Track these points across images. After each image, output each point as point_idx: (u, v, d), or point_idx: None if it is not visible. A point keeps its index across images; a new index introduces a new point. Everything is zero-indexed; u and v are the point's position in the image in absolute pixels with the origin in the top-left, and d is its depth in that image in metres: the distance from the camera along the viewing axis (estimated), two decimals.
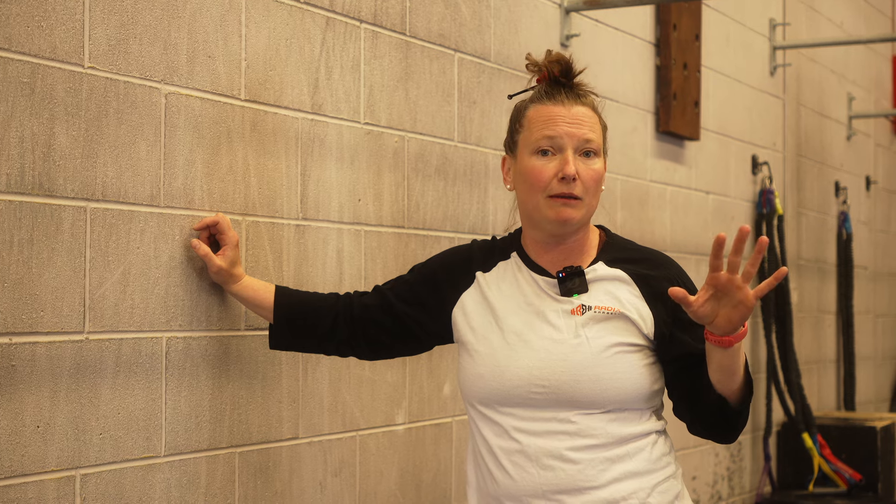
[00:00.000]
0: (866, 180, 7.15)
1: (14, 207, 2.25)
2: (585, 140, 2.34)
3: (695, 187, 4.99)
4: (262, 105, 2.81)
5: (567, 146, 2.33)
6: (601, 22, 4.28)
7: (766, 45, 5.71)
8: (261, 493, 2.80)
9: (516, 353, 2.35)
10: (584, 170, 2.34)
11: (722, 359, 2.22)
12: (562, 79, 2.38)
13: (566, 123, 2.34)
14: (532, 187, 2.35)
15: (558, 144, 2.34)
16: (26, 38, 2.27)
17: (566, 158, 2.33)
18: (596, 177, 2.35)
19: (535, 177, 2.35)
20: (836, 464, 5.60)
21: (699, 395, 2.31)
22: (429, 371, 3.37)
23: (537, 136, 2.35)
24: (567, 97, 2.37)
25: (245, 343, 2.76)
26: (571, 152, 2.33)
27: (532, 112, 2.38)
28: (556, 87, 2.38)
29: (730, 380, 2.25)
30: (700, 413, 2.33)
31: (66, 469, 2.34)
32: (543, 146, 2.35)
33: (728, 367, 2.23)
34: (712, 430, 2.36)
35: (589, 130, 2.35)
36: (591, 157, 2.36)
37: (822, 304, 6.44)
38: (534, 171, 2.35)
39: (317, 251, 2.98)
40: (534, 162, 2.35)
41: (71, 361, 2.35)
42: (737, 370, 2.24)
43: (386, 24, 3.21)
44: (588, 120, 2.36)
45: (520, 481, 2.33)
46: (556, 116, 2.35)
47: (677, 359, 2.34)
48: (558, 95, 2.37)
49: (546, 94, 2.38)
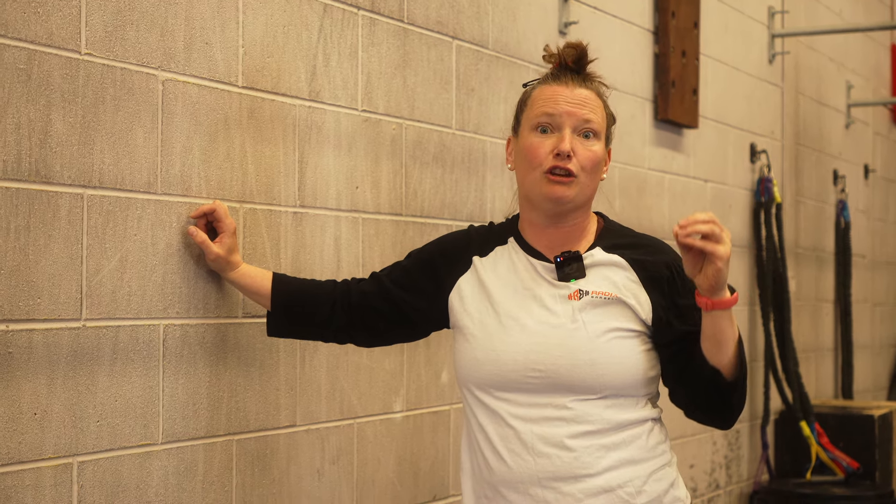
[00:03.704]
0: (865, 169, 7.15)
1: (10, 194, 2.25)
2: (585, 120, 2.35)
3: (693, 175, 4.99)
4: (259, 92, 2.80)
5: (566, 125, 2.35)
6: (599, 9, 4.27)
7: (764, 32, 5.70)
8: (258, 480, 2.80)
9: (513, 338, 2.35)
10: (582, 150, 2.35)
11: (708, 325, 2.24)
12: (573, 65, 2.40)
13: (566, 102, 2.36)
14: (529, 163, 2.37)
15: (557, 122, 2.35)
16: (23, 24, 2.26)
17: (563, 136, 2.34)
18: (593, 158, 2.35)
19: (531, 152, 2.36)
20: (834, 452, 5.60)
21: (694, 376, 2.31)
22: (426, 359, 3.37)
23: (537, 113, 2.37)
24: (572, 80, 2.39)
25: (242, 330, 2.76)
26: (570, 131, 2.35)
27: (536, 92, 2.41)
28: (563, 71, 2.41)
29: (718, 350, 2.26)
30: (695, 393, 2.33)
31: (63, 456, 2.34)
32: (542, 123, 2.36)
33: (714, 336, 2.25)
34: (708, 410, 2.35)
35: (590, 112, 2.36)
36: (591, 139, 2.36)
37: (820, 293, 6.45)
38: (531, 147, 2.36)
39: (314, 239, 2.97)
40: (532, 138, 2.37)
41: (68, 349, 2.35)
42: (724, 341, 2.25)
43: (384, 11, 3.21)
44: (590, 102, 2.37)
45: (515, 468, 2.33)
46: (558, 95, 2.37)
47: (673, 342, 2.34)
48: (564, 77, 2.40)
49: (552, 76, 2.42)
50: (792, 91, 6.02)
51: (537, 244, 2.42)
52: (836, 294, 6.64)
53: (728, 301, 2.21)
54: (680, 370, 2.34)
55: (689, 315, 2.33)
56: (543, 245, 2.41)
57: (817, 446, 5.59)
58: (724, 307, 2.21)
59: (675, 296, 2.34)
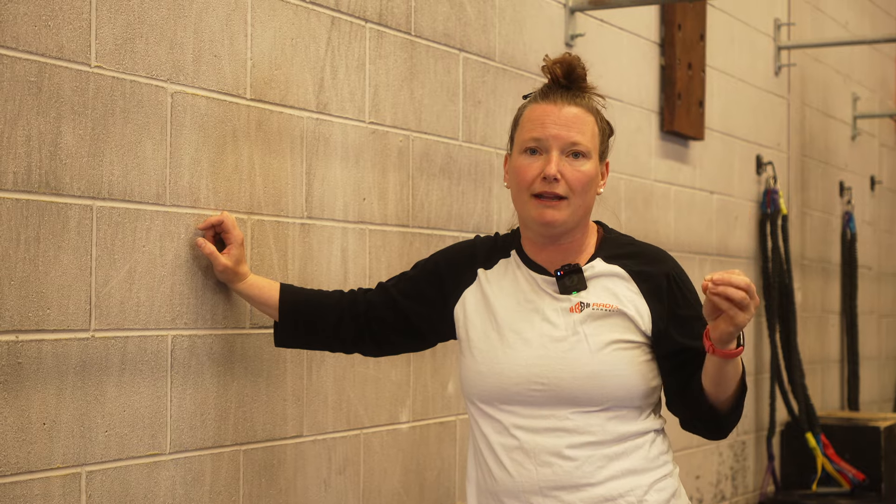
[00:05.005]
0: (871, 180, 7.15)
1: (21, 206, 2.26)
2: (572, 143, 2.34)
3: (699, 187, 5.00)
4: (267, 104, 2.82)
5: (553, 147, 2.34)
6: (606, 22, 4.28)
7: (770, 44, 5.71)
8: (265, 490, 2.81)
9: (515, 352, 2.36)
10: (570, 171, 2.34)
11: (710, 365, 2.24)
12: (563, 80, 2.39)
13: (554, 125, 2.35)
14: (518, 185, 2.38)
15: (544, 146, 2.35)
16: (33, 38, 2.28)
17: (550, 158, 2.33)
18: (582, 178, 2.35)
19: (520, 175, 2.37)
20: (840, 464, 5.60)
21: (692, 395, 2.32)
22: (433, 370, 3.38)
23: (525, 137, 2.37)
24: (561, 97, 2.38)
25: (250, 341, 2.77)
26: (557, 153, 2.34)
27: (527, 111, 2.41)
28: (553, 88, 2.40)
29: (717, 388, 2.27)
30: (691, 412, 2.35)
31: (71, 466, 2.35)
32: (530, 146, 2.36)
33: (714, 377, 2.25)
34: (703, 430, 2.39)
35: (577, 133, 2.35)
36: (580, 159, 2.35)
37: (826, 304, 6.45)
38: (520, 170, 2.37)
39: (322, 250, 2.98)
40: (521, 160, 2.37)
41: (77, 359, 2.36)
42: (724, 381, 2.25)
43: (391, 23, 3.22)
44: (578, 122, 2.35)
45: (518, 478, 2.34)
46: (545, 117, 2.36)
47: (673, 354, 2.35)
48: (553, 95, 2.38)
49: (542, 94, 2.41)
50: (798, 103, 6.02)
51: (537, 259, 2.43)
52: (842, 305, 6.64)
53: (732, 353, 2.19)
54: (679, 388, 2.36)
55: (688, 326, 2.33)
56: (543, 259, 2.42)
57: (823, 458, 5.59)
58: (726, 357, 2.20)
59: (675, 306, 2.35)
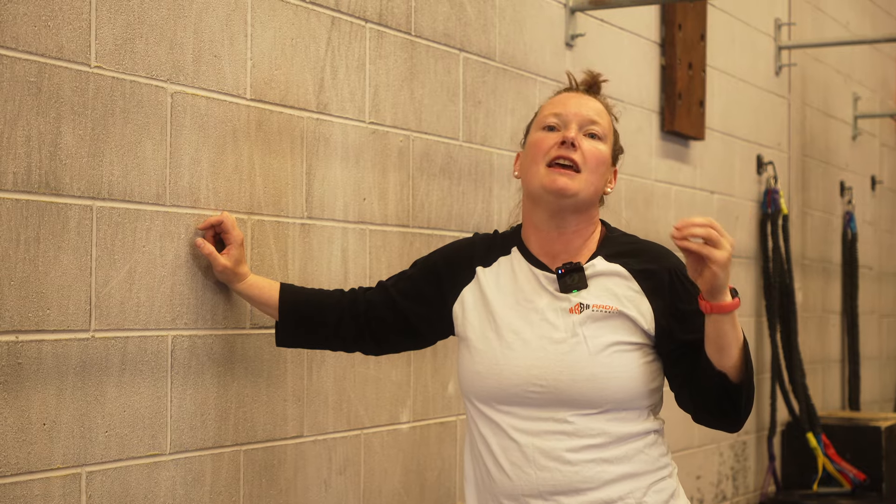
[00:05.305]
0: (871, 180, 7.15)
1: (21, 206, 2.26)
2: (591, 121, 2.41)
3: (699, 187, 5.00)
4: (267, 104, 2.82)
5: (572, 122, 2.41)
6: (606, 21, 4.28)
7: (771, 44, 5.71)
8: (265, 491, 2.81)
9: (514, 352, 2.36)
10: (587, 145, 2.39)
11: (710, 329, 2.24)
12: (583, 85, 2.52)
13: (575, 104, 2.43)
14: (533, 157, 2.41)
15: (564, 120, 2.41)
16: (33, 38, 2.28)
17: (569, 128, 2.40)
18: (598, 154, 2.40)
19: (537, 146, 2.41)
20: (841, 464, 5.60)
21: (700, 380, 2.31)
22: (433, 370, 3.38)
23: (546, 114, 2.44)
24: (580, 89, 2.50)
25: (250, 341, 2.77)
26: (576, 126, 2.40)
27: (547, 101, 2.50)
28: (573, 87, 2.53)
29: (721, 354, 2.25)
30: (702, 396, 2.32)
31: (71, 467, 2.35)
32: (550, 122, 2.42)
33: (716, 340, 2.24)
34: (716, 412, 2.33)
35: (596, 115, 2.42)
36: (596, 139, 2.41)
37: (826, 304, 6.44)
38: (537, 142, 2.42)
39: (322, 250, 2.98)
40: (539, 135, 2.42)
41: (77, 359, 2.36)
42: (726, 345, 2.24)
43: (391, 23, 3.22)
44: (597, 110, 2.44)
45: (517, 481, 2.34)
46: (567, 99, 2.45)
47: (676, 348, 2.35)
48: (572, 89, 2.51)
49: (563, 90, 2.52)
50: (798, 103, 6.02)
51: (540, 253, 2.43)
52: (842, 305, 6.64)
53: (727, 305, 2.21)
54: (686, 375, 2.34)
55: (691, 321, 2.32)
56: (546, 253, 2.42)
57: (824, 458, 5.59)
58: (723, 311, 2.21)
59: (677, 301, 2.35)
